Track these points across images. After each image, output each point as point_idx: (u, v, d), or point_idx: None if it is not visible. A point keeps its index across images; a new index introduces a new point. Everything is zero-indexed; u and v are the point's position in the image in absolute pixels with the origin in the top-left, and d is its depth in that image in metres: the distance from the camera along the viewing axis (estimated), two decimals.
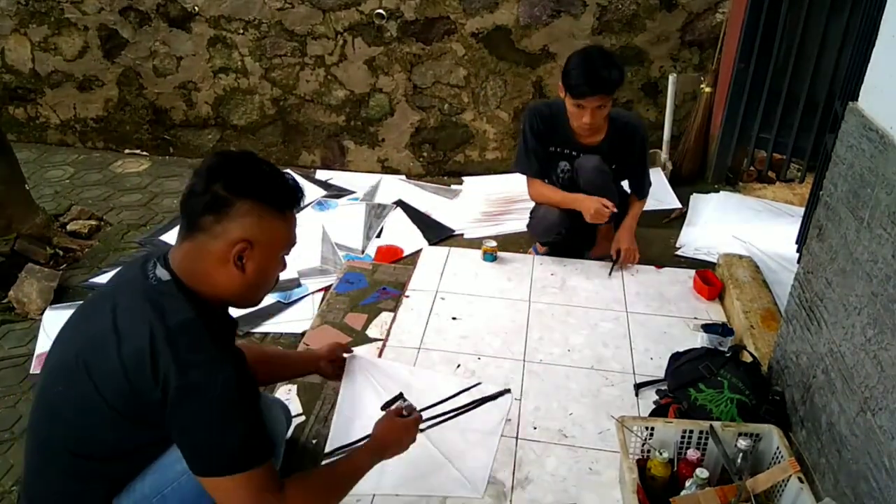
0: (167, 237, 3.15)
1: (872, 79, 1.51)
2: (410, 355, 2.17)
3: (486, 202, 3.46)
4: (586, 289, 2.52)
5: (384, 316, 2.42)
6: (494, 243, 2.70)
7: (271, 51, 3.68)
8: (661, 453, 1.58)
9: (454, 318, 2.35)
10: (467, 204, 3.48)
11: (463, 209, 3.41)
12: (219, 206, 1.22)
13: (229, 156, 1.30)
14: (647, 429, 1.65)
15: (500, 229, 3.11)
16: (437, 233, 3.17)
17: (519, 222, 2.92)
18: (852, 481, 1.43)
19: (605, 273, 2.61)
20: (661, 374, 2.05)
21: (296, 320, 2.54)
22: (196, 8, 3.62)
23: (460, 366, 2.11)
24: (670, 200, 3.34)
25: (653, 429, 1.65)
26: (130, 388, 1.17)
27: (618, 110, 2.59)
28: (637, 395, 2.00)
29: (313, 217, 3.29)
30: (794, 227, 2.60)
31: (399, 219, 3.31)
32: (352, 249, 3.04)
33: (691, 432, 1.64)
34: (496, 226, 3.17)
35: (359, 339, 2.31)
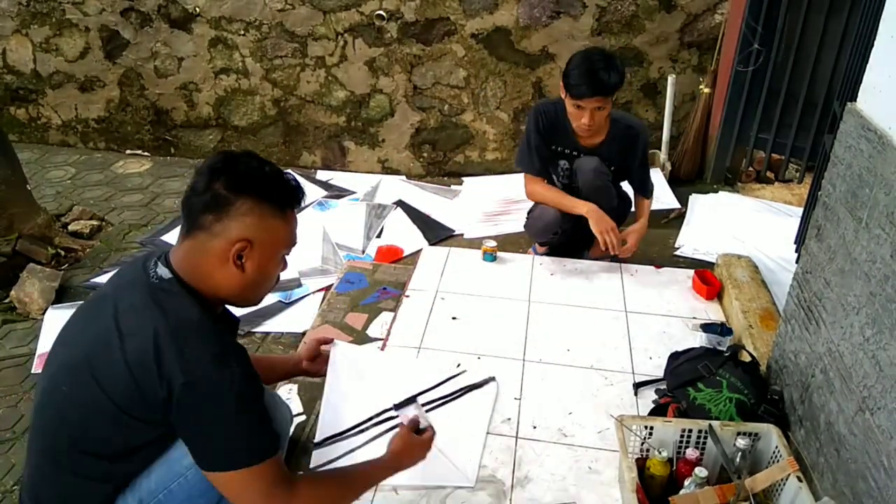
0: (168, 237, 3.16)
1: (871, 79, 1.51)
2: (411, 355, 2.18)
3: (485, 203, 3.46)
4: (586, 289, 2.53)
5: (384, 316, 2.43)
6: (494, 243, 2.71)
7: (272, 52, 3.69)
8: (660, 452, 1.58)
9: (454, 318, 2.36)
10: (467, 204, 3.49)
11: (463, 209, 3.42)
12: (219, 204, 1.22)
13: (231, 155, 1.29)
14: (646, 428, 1.66)
15: (500, 229, 3.11)
16: (437, 233, 3.17)
17: (519, 223, 2.92)
18: (851, 480, 1.43)
19: (605, 273, 2.62)
20: (661, 374, 2.05)
21: (296, 320, 2.55)
22: (197, 9, 3.63)
23: (460, 365, 2.11)
24: (669, 200, 3.34)
25: (652, 428, 1.66)
26: (136, 387, 1.17)
27: (621, 113, 2.59)
28: (636, 394, 2.01)
29: (314, 217, 3.30)
30: (792, 228, 2.61)
31: (399, 219, 3.31)
32: (352, 249, 3.05)
33: (690, 431, 1.65)
34: (496, 226, 3.18)
35: (359, 339, 2.32)
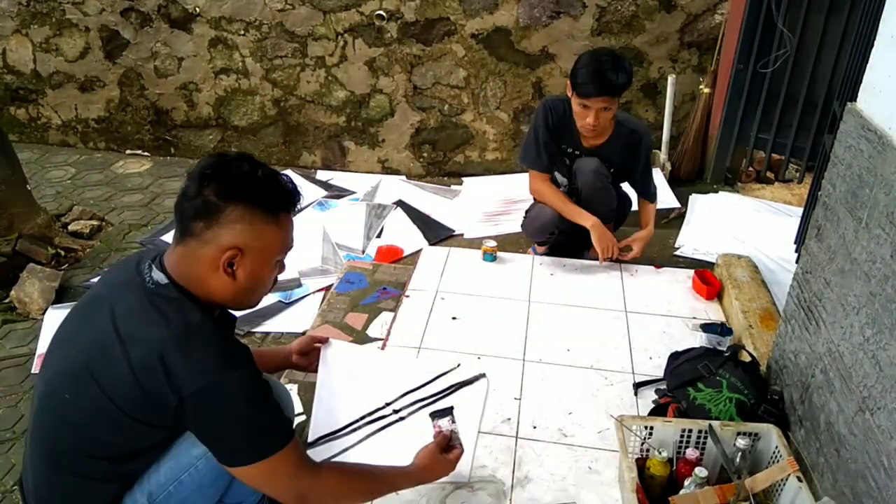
0: (168, 237, 3.16)
1: (871, 79, 1.51)
2: (411, 355, 2.18)
3: (485, 203, 3.46)
4: (586, 289, 2.53)
5: (384, 316, 2.43)
6: (494, 243, 2.71)
7: (272, 52, 3.69)
8: (660, 452, 1.58)
9: (454, 318, 2.36)
10: (467, 204, 3.49)
11: (463, 209, 3.42)
12: (209, 211, 1.20)
13: (223, 158, 1.25)
14: (646, 428, 1.66)
15: (500, 229, 3.11)
16: (437, 233, 3.17)
17: (519, 223, 2.92)
18: (851, 480, 1.43)
19: (605, 273, 2.62)
20: (661, 374, 2.06)
21: (296, 320, 2.55)
22: (197, 9, 3.63)
23: (460, 364, 2.11)
24: (669, 200, 3.34)
25: (652, 428, 1.66)
26: (143, 394, 1.17)
27: (625, 115, 2.58)
28: (636, 394, 2.01)
29: (314, 217, 3.30)
30: (792, 228, 2.61)
31: (399, 219, 3.31)
32: (352, 249, 3.05)
33: (690, 431, 1.65)
34: (496, 226, 3.18)
35: (359, 339, 2.32)
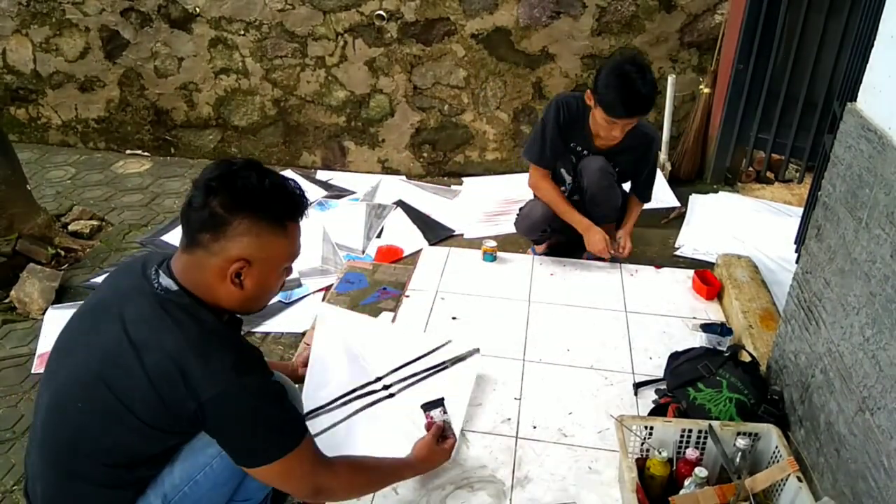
0: (168, 237, 3.16)
1: (871, 79, 1.51)
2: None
3: (485, 203, 3.46)
4: (585, 289, 2.53)
5: (384, 316, 2.42)
6: (494, 243, 2.71)
7: (272, 52, 3.69)
8: (660, 452, 1.58)
9: (454, 318, 2.36)
10: (467, 204, 3.49)
11: (463, 209, 3.42)
12: (216, 224, 1.20)
13: (229, 169, 1.23)
14: (646, 428, 1.66)
15: (500, 229, 3.11)
16: (437, 233, 3.17)
17: None
18: (851, 480, 1.43)
19: (605, 273, 2.62)
20: (661, 374, 2.06)
21: (296, 320, 2.55)
22: (197, 9, 3.63)
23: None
24: (669, 200, 3.34)
25: (652, 428, 1.66)
26: (159, 400, 1.17)
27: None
28: (636, 394, 2.01)
29: (314, 217, 3.30)
30: (792, 228, 2.61)
31: (399, 219, 3.31)
32: (352, 249, 3.05)
33: (690, 431, 1.65)
34: (496, 226, 3.17)
35: None
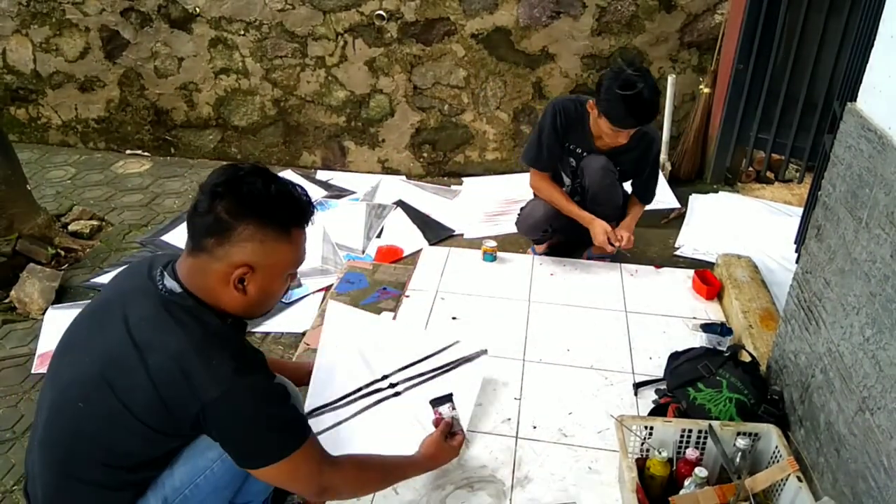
0: (168, 237, 3.16)
1: (871, 79, 1.51)
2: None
3: (485, 203, 3.46)
4: (586, 289, 2.53)
5: (385, 316, 2.42)
6: (494, 243, 2.71)
7: (272, 52, 3.68)
8: (660, 452, 1.59)
9: (454, 318, 2.36)
10: (467, 204, 3.49)
11: (463, 209, 3.42)
12: (220, 229, 1.20)
13: (236, 174, 1.23)
14: (646, 428, 1.66)
15: (500, 229, 3.11)
16: (437, 233, 3.17)
17: None
18: (851, 480, 1.43)
19: (605, 273, 2.62)
20: (661, 374, 2.06)
21: (296, 320, 2.54)
22: (197, 9, 3.63)
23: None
24: (669, 200, 3.34)
25: (652, 428, 1.66)
26: (162, 402, 1.17)
27: None
28: (636, 394, 2.01)
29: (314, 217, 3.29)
30: (792, 228, 2.61)
31: (399, 219, 3.31)
32: (352, 249, 3.05)
33: (690, 431, 1.65)
34: (496, 226, 3.17)
35: None
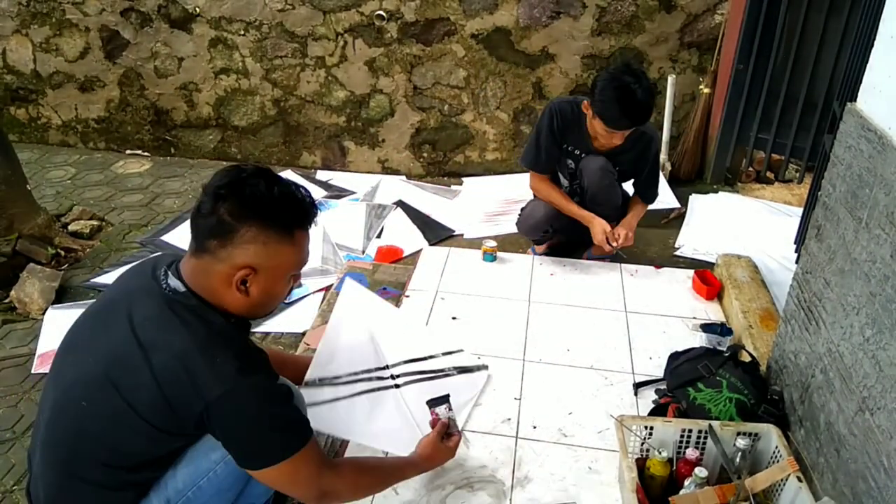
0: (168, 237, 3.16)
1: (871, 79, 1.51)
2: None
3: (485, 203, 3.46)
4: (586, 289, 2.53)
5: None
6: (494, 243, 2.71)
7: (272, 52, 3.69)
8: (660, 452, 1.58)
9: (454, 318, 2.36)
10: (467, 204, 3.49)
11: (463, 210, 3.42)
12: (223, 231, 1.21)
13: (238, 176, 1.23)
14: (646, 428, 1.66)
15: (500, 229, 3.11)
16: (437, 233, 3.17)
17: None
18: (851, 480, 1.43)
19: (605, 273, 2.62)
20: (661, 374, 2.06)
21: (296, 320, 2.55)
22: (197, 9, 3.63)
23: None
24: (669, 201, 3.34)
25: (652, 428, 1.66)
26: (166, 401, 1.17)
27: None
28: (636, 394, 2.01)
29: None
30: (792, 228, 2.61)
31: (399, 219, 3.31)
32: (352, 249, 3.05)
33: (690, 431, 1.65)
34: (496, 226, 3.18)
35: None
